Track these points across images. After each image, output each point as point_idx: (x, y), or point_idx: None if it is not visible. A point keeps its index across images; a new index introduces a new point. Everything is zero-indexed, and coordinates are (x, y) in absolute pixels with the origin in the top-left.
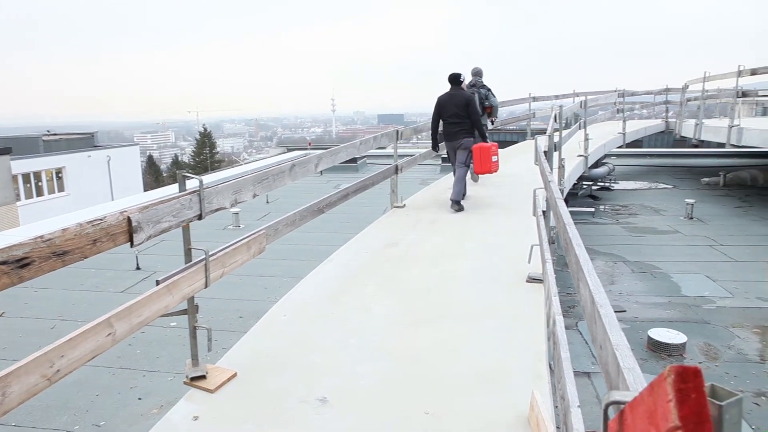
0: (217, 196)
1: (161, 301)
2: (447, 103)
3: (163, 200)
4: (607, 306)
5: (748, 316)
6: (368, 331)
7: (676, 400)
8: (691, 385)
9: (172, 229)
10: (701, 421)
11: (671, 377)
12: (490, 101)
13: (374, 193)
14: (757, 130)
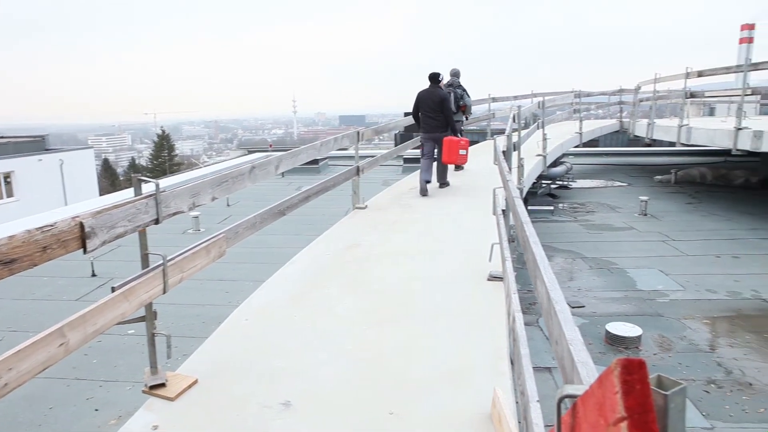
0: (175, 200)
1: (117, 309)
2: (425, 99)
3: (118, 205)
4: (562, 302)
5: (698, 307)
6: (331, 333)
7: (622, 391)
8: (636, 377)
9: (127, 234)
10: (645, 410)
11: (617, 370)
12: (464, 100)
13: (336, 195)
14: (704, 130)
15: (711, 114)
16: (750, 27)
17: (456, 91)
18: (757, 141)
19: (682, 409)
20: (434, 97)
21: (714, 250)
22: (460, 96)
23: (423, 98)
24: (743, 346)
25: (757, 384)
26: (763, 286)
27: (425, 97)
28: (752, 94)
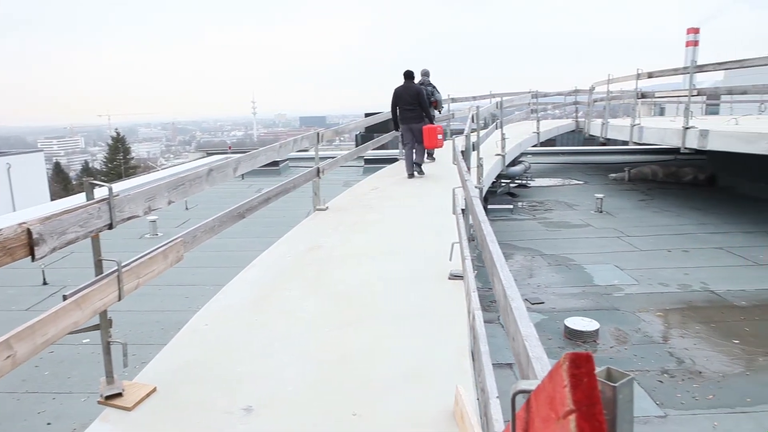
0: (129, 204)
1: (69, 317)
2: (403, 94)
3: (69, 210)
4: (518, 300)
5: (652, 300)
6: (293, 335)
7: (570, 384)
8: (583, 370)
9: (79, 240)
10: (593, 403)
11: (566, 364)
12: (435, 97)
13: (297, 196)
14: (655, 129)
15: (661, 114)
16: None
17: (427, 89)
18: (703, 140)
19: (630, 399)
20: (410, 92)
21: (665, 245)
22: (431, 93)
23: (400, 94)
24: (693, 337)
25: (706, 372)
26: (711, 279)
27: (402, 92)
28: (698, 94)
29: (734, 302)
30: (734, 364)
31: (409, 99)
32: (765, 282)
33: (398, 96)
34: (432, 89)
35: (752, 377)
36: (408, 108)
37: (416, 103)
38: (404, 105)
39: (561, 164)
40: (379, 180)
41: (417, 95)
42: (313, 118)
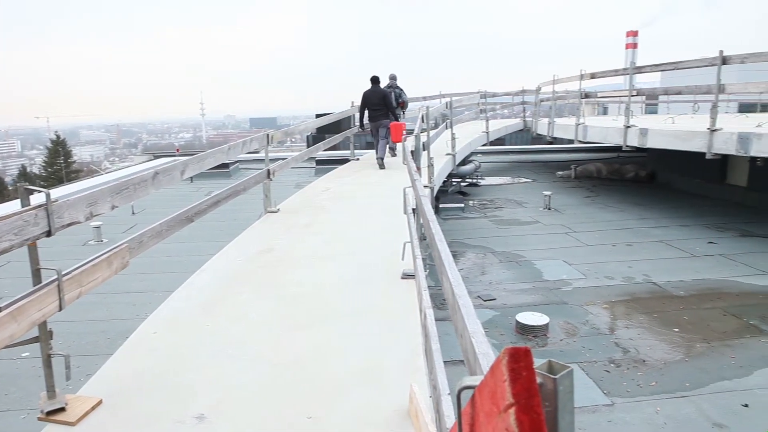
0: (69, 210)
1: (4, 330)
2: (371, 97)
3: (2, 217)
4: (465, 297)
5: (598, 293)
6: (246, 340)
7: (510, 379)
8: (522, 364)
9: (14, 249)
10: (531, 395)
11: (505, 359)
12: (402, 98)
13: (247, 199)
14: (598, 128)
15: (605, 113)
16: (634, 34)
17: (395, 91)
18: (643, 138)
19: (570, 390)
20: (378, 94)
21: (610, 240)
22: (399, 95)
23: (369, 96)
24: (637, 327)
25: (650, 360)
26: (653, 271)
27: (370, 95)
28: (638, 95)
29: (674, 292)
30: (675, 352)
31: (376, 101)
32: (701, 273)
33: (367, 98)
34: (399, 91)
35: (691, 363)
36: (376, 108)
37: (383, 104)
38: (372, 106)
39: (510, 163)
40: (331, 181)
41: (383, 98)
42: (264, 119)
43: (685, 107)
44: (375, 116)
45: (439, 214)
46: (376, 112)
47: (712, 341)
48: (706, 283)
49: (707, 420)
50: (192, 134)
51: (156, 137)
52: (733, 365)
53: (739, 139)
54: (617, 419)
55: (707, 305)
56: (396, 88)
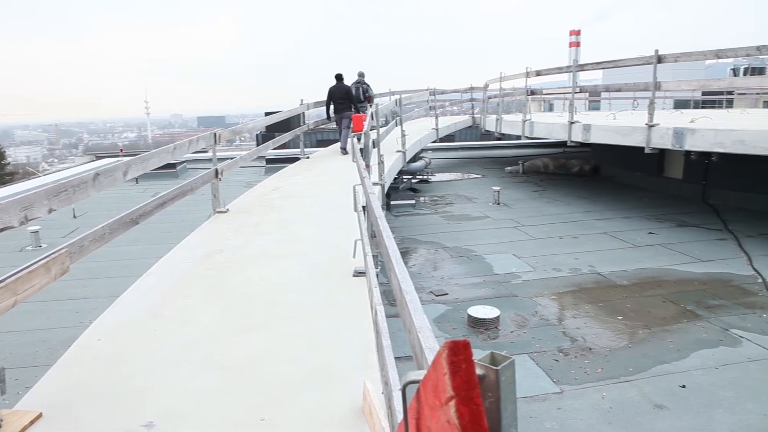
0: (1, 214)
1: None
2: (336, 91)
3: None
4: (412, 293)
5: (547, 285)
6: (196, 343)
7: (450, 372)
8: (461, 357)
9: None
10: (471, 387)
11: (445, 352)
12: (369, 93)
13: (195, 200)
14: (544, 124)
15: (550, 109)
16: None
17: (363, 87)
18: (586, 133)
19: (512, 380)
20: (341, 90)
21: (557, 233)
22: (366, 90)
23: (334, 91)
24: (584, 316)
25: (596, 348)
26: (598, 262)
27: (335, 90)
28: (581, 91)
29: (617, 282)
30: (619, 339)
31: (340, 95)
32: (643, 262)
33: (332, 93)
34: (366, 87)
35: (634, 349)
36: (340, 102)
37: (346, 98)
38: (337, 100)
39: (460, 159)
40: (282, 179)
41: (347, 93)
42: (212, 118)
43: (625, 104)
44: (339, 109)
45: (391, 211)
46: (340, 105)
47: (653, 327)
48: (647, 272)
49: (649, 402)
50: (137, 134)
51: (98, 137)
52: (671, 349)
53: (675, 134)
54: (566, 406)
55: (648, 293)
56: (363, 84)
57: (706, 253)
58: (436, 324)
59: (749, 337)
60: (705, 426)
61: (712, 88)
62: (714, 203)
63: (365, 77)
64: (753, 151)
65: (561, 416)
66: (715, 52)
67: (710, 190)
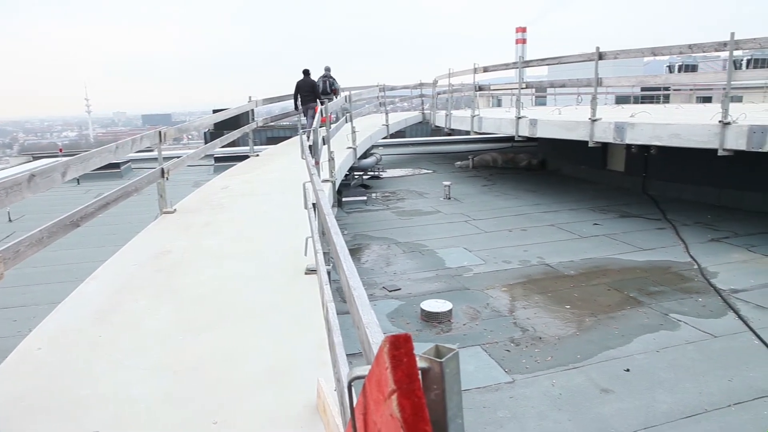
0: None
1: None
2: (303, 85)
3: None
4: (359, 289)
5: (497, 277)
6: (144, 348)
7: (391, 366)
8: (403, 351)
9: None
10: (412, 381)
11: (386, 346)
12: (335, 86)
13: (141, 200)
14: (492, 119)
15: (499, 105)
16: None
17: (329, 80)
18: (533, 128)
19: (457, 372)
20: (307, 83)
21: (507, 226)
22: (332, 83)
23: (301, 85)
24: (534, 306)
25: (545, 337)
26: (546, 253)
27: (302, 84)
28: (527, 87)
29: (565, 272)
30: (567, 327)
31: (307, 89)
32: (588, 252)
33: (299, 87)
34: (332, 80)
35: (581, 336)
36: (306, 94)
37: (311, 91)
38: (304, 93)
39: (411, 155)
40: (231, 178)
41: (312, 86)
42: (158, 115)
43: (570, 99)
44: (305, 101)
45: (342, 208)
46: (306, 98)
47: (599, 315)
48: (593, 262)
49: (596, 387)
50: (77, 132)
51: (35, 136)
52: (616, 335)
53: (616, 128)
54: (518, 395)
55: (594, 282)
56: (330, 77)
57: (647, 242)
58: (390, 319)
59: (687, 320)
60: (647, 406)
61: (650, 84)
62: (653, 194)
63: (332, 71)
64: (687, 144)
65: (513, 405)
66: (652, 49)
67: (650, 181)
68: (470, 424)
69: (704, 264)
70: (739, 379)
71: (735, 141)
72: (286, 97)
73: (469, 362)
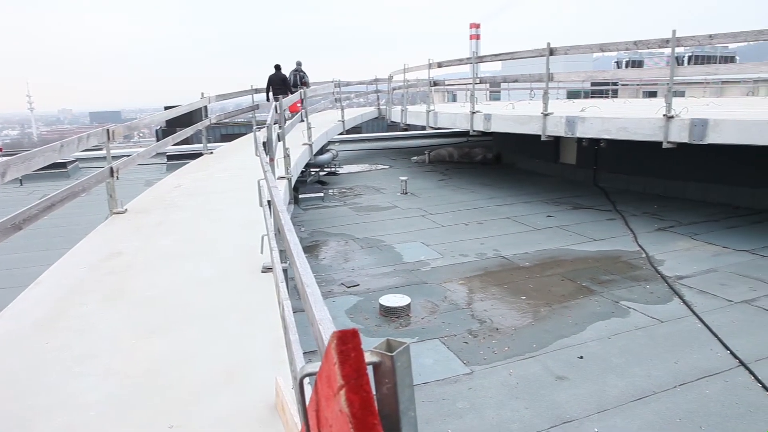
0: None
1: None
2: (275, 79)
3: None
4: (313, 285)
5: (455, 271)
6: (95, 354)
7: (339, 361)
8: (350, 346)
9: None
10: (360, 375)
11: (334, 342)
12: (305, 79)
13: (90, 201)
14: (447, 114)
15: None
16: (477, 26)
17: (299, 74)
18: (487, 123)
19: (408, 365)
20: (279, 77)
21: (463, 219)
22: (302, 77)
23: (273, 79)
24: (491, 298)
25: (502, 328)
26: (502, 245)
27: (274, 78)
28: (481, 82)
29: (520, 264)
30: (523, 318)
31: (278, 82)
32: (542, 244)
33: (271, 80)
34: (303, 74)
35: (536, 326)
36: (278, 87)
37: (282, 84)
38: (275, 86)
39: (367, 150)
40: (184, 176)
41: (283, 80)
42: (106, 113)
43: (523, 94)
44: (277, 93)
45: (299, 205)
46: (277, 90)
47: (554, 304)
48: (547, 253)
49: (551, 374)
50: (19, 131)
51: None
52: (570, 323)
53: (567, 122)
54: (476, 386)
55: (548, 273)
56: (300, 71)
57: (598, 232)
58: (349, 315)
59: (636, 307)
60: (600, 391)
61: (599, 80)
62: (604, 186)
63: (302, 65)
64: (634, 137)
65: (472, 396)
66: (600, 45)
67: (600, 173)
68: (430, 417)
69: (651, 252)
70: (684, 361)
71: (678, 134)
72: (239, 93)
73: (428, 355)
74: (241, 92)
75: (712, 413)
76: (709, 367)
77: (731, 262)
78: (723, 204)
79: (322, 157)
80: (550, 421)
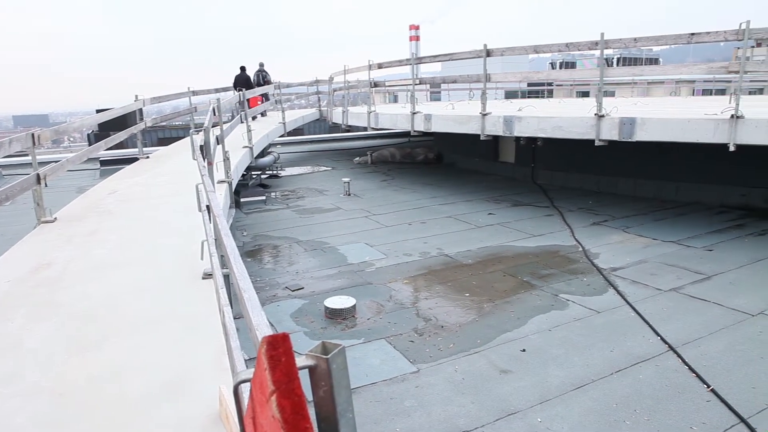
0: None
1: None
2: (240, 79)
3: None
4: (250, 290)
5: (399, 271)
6: (21, 372)
7: (269, 366)
8: (281, 350)
9: None
10: (291, 380)
11: (264, 347)
12: (267, 78)
13: (16, 210)
14: (388, 115)
15: (395, 101)
16: (416, 27)
17: (262, 74)
18: (428, 123)
19: (344, 367)
20: (243, 77)
21: (406, 219)
22: (265, 76)
23: (239, 79)
24: (435, 297)
25: (447, 325)
26: (445, 244)
27: (239, 78)
28: (421, 83)
29: (463, 261)
30: (467, 314)
31: (243, 82)
32: (484, 241)
33: (237, 80)
34: (265, 74)
35: (480, 322)
36: (243, 87)
37: (247, 84)
38: (241, 85)
39: (309, 152)
40: (119, 182)
41: (247, 80)
42: (32, 116)
43: (462, 94)
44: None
45: (241, 208)
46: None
47: (496, 300)
48: (489, 250)
49: (496, 369)
50: None
51: None
52: (512, 318)
53: (505, 122)
54: (423, 383)
55: (490, 269)
56: (263, 71)
57: (537, 228)
58: (294, 319)
59: (574, 299)
60: (542, 382)
61: (535, 80)
62: (542, 183)
63: (265, 66)
64: (568, 135)
65: (419, 393)
66: (534, 47)
67: (538, 171)
68: (378, 417)
69: (588, 246)
70: (619, 349)
71: (609, 132)
72: (177, 95)
73: (374, 356)
74: (179, 94)
75: (646, 396)
76: (642, 353)
77: (660, 252)
78: (651, 198)
79: (263, 159)
80: (495, 414)
